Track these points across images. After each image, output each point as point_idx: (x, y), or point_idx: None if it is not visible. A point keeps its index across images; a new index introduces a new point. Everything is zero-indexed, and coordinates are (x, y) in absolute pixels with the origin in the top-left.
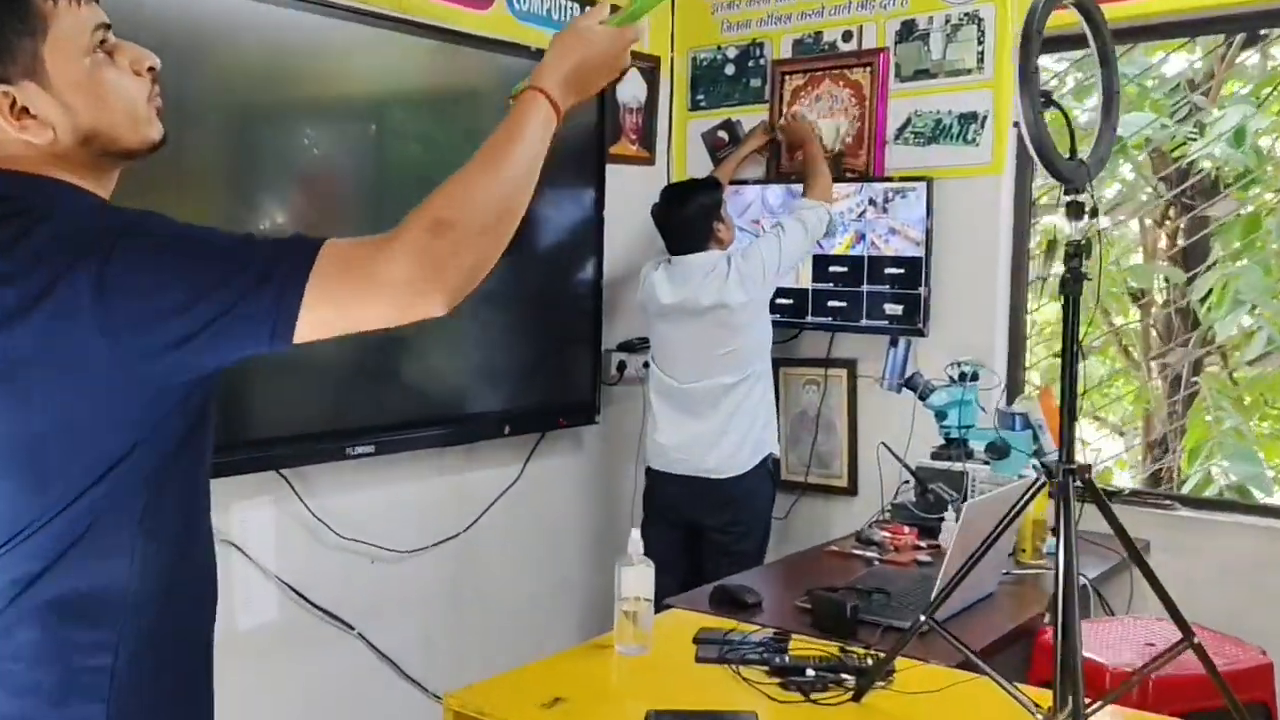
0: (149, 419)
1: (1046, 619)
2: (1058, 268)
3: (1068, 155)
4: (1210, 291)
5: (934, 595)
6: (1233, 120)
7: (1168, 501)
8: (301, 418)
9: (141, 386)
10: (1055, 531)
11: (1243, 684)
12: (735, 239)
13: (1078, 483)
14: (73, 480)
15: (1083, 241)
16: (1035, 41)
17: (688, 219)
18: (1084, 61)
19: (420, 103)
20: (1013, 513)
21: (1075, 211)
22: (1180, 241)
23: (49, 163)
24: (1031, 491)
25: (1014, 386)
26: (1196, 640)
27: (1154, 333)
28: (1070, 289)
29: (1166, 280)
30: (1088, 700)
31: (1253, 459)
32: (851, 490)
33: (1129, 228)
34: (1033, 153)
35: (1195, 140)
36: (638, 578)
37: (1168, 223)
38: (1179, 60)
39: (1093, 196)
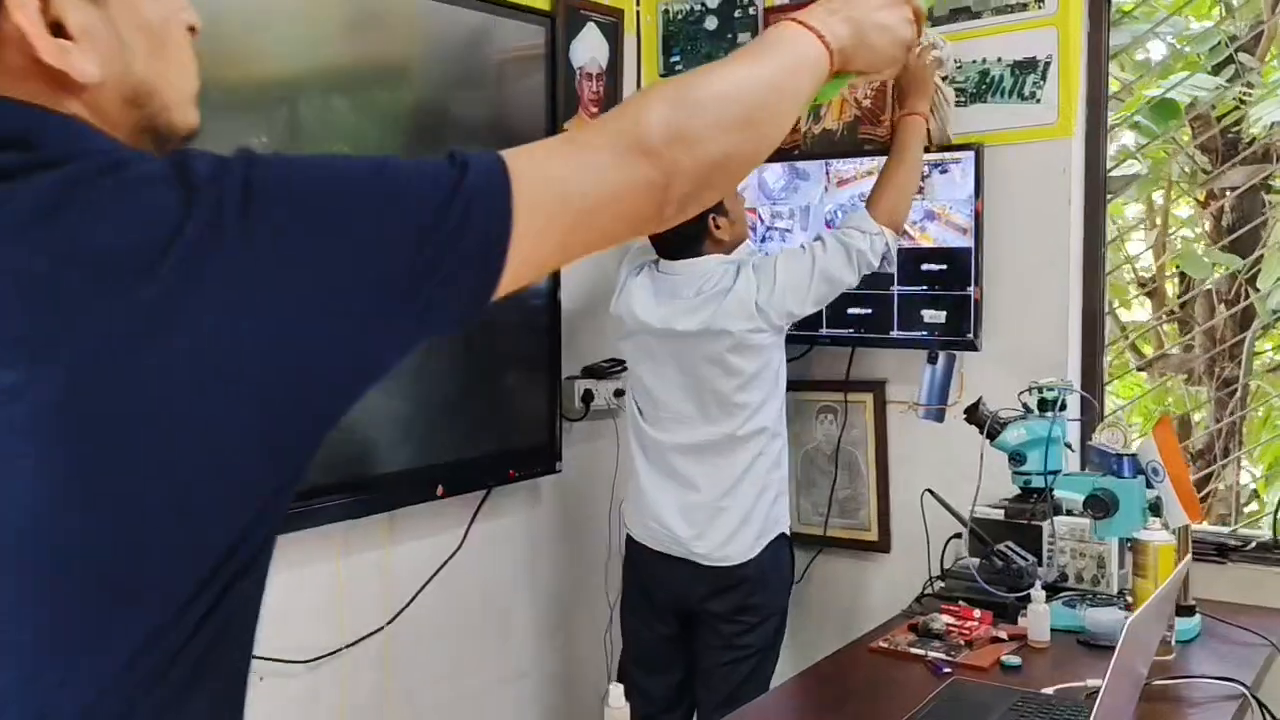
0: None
1: None
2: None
3: None
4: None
5: None
6: None
7: None
8: None
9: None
10: None
11: None
12: (749, 240)
13: None
14: None
15: None
16: None
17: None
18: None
19: (328, 74)
20: None
21: None
22: (1225, 222)
23: (95, 111)
24: None
25: (1090, 413)
26: None
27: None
28: None
29: (1218, 268)
30: None
31: None
32: (883, 546)
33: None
34: None
35: (1245, 104)
36: None
37: (1213, 201)
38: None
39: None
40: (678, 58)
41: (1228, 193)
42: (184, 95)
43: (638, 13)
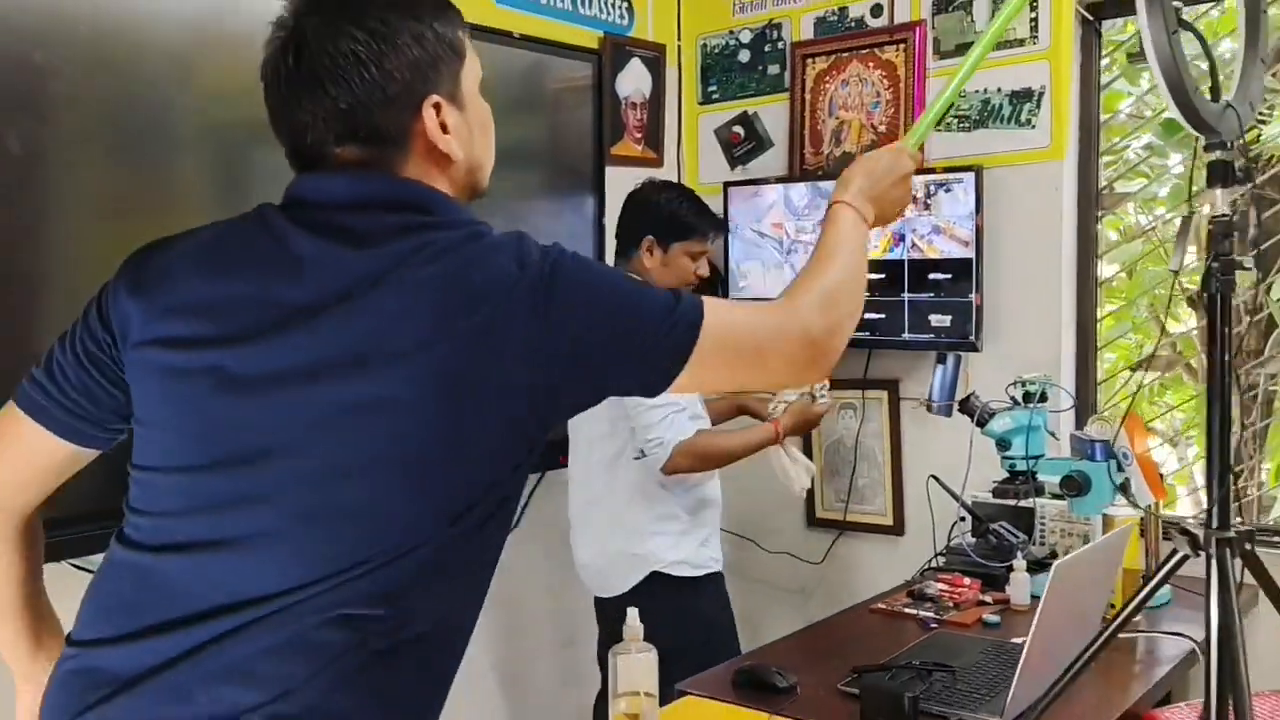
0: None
1: (1164, 713)
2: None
3: (1210, 98)
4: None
5: (1013, 694)
6: None
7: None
8: None
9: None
10: (1206, 613)
11: None
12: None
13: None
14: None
15: (1234, 217)
16: None
17: (622, 213)
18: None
19: None
20: (1141, 596)
21: (1221, 175)
22: (1251, 232)
23: (439, 179)
24: (1171, 566)
25: (1083, 407)
26: None
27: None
28: (1219, 283)
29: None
30: None
31: None
32: (897, 530)
33: (1174, 225)
34: (1165, 92)
35: (1266, 123)
36: (638, 668)
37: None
38: (1228, 46)
39: (1246, 154)
40: (714, 87)
41: (1252, 206)
42: (490, 166)
43: (678, 47)
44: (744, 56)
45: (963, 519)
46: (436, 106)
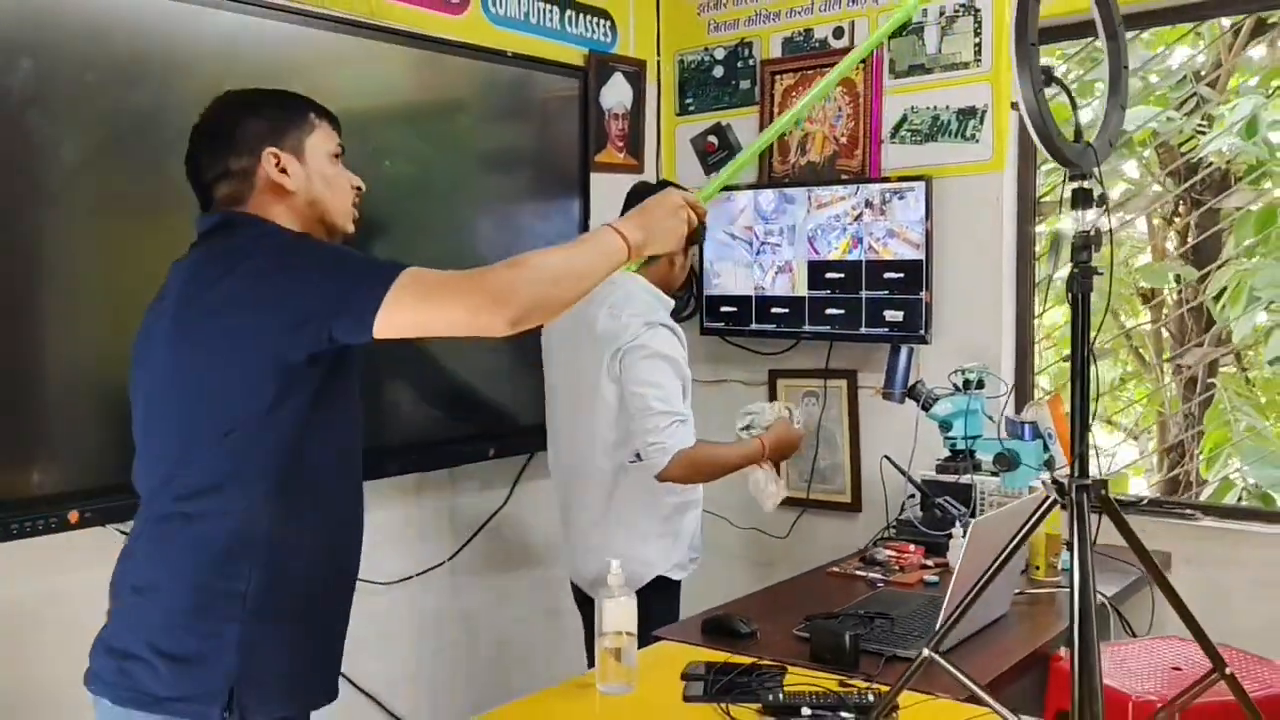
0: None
1: (1063, 651)
2: (1065, 270)
3: (1072, 139)
4: (1224, 289)
5: (939, 625)
6: (1243, 112)
7: (1189, 511)
8: None
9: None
10: (1070, 548)
11: (1275, 711)
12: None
13: (1093, 500)
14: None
15: (1091, 233)
16: (1034, 8)
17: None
18: (1081, 57)
19: (397, 110)
20: (1020, 536)
21: (1083, 200)
22: (1191, 239)
23: (279, 210)
24: (1041, 511)
25: (1023, 393)
26: (1229, 671)
27: (1166, 334)
28: (1079, 285)
29: (1178, 279)
30: None
31: (1274, 462)
32: (855, 507)
33: (1136, 227)
34: (1034, 135)
35: (1204, 134)
36: (620, 611)
37: (1177, 219)
38: (1184, 53)
39: (1101, 183)
40: (690, 99)
41: (1191, 212)
42: (338, 208)
43: (658, 63)
44: (718, 72)
45: (912, 496)
46: (274, 154)
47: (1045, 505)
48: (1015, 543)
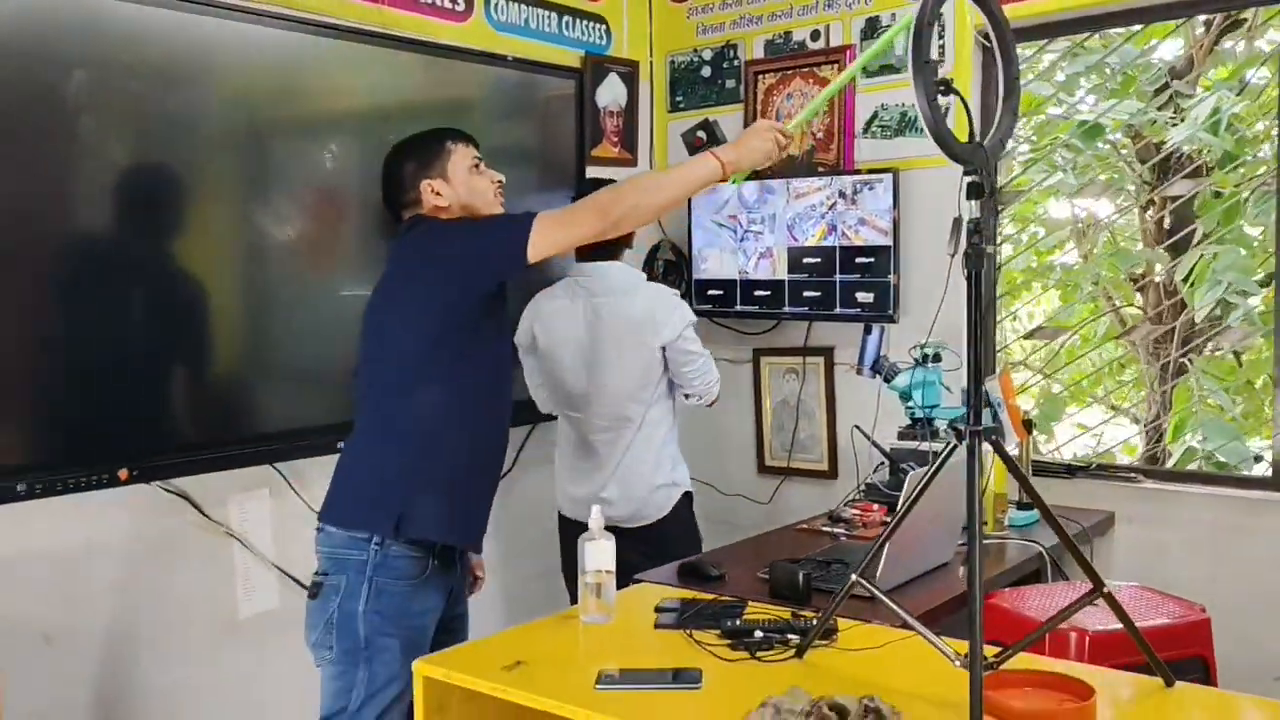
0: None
1: (1004, 593)
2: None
3: (967, 139)
4: (1192, 271)
5: (866, 556)
6: (1209, 106)
7: (1131, 474)
8: (294, 415)
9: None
10: (968, 483)
11: (1181, 638)
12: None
13: (985, 444)
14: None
15: (984, 220)
16: (927, 34)
17: None
18: (1073, 52)
19: (409, 109)
20: (931, 473)
21: (974, 191)
22: (1165, 224)
23: (443, 214)
24: (945, 453)
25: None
26: (1107, 590)
27: (1144, 316)
28: (973, 264)
29: (1158, 264)
30: (1004, 647)
31: (1228, 432)
32: (832, 474)
33: (1132, 215)
34: (931, 137)
35: (1175, 125)
36: (599, 552)
37: (1152, 208)
38: (1168, 48)
39: (990, 177)
40: (681, 98)
41: (1166, 201)
42: (483, 203)
43: (650, 64)
44: (706, 72)
45: (882, 463)
46: (430, 184)
47: (948, 449)
48: (923, 483)
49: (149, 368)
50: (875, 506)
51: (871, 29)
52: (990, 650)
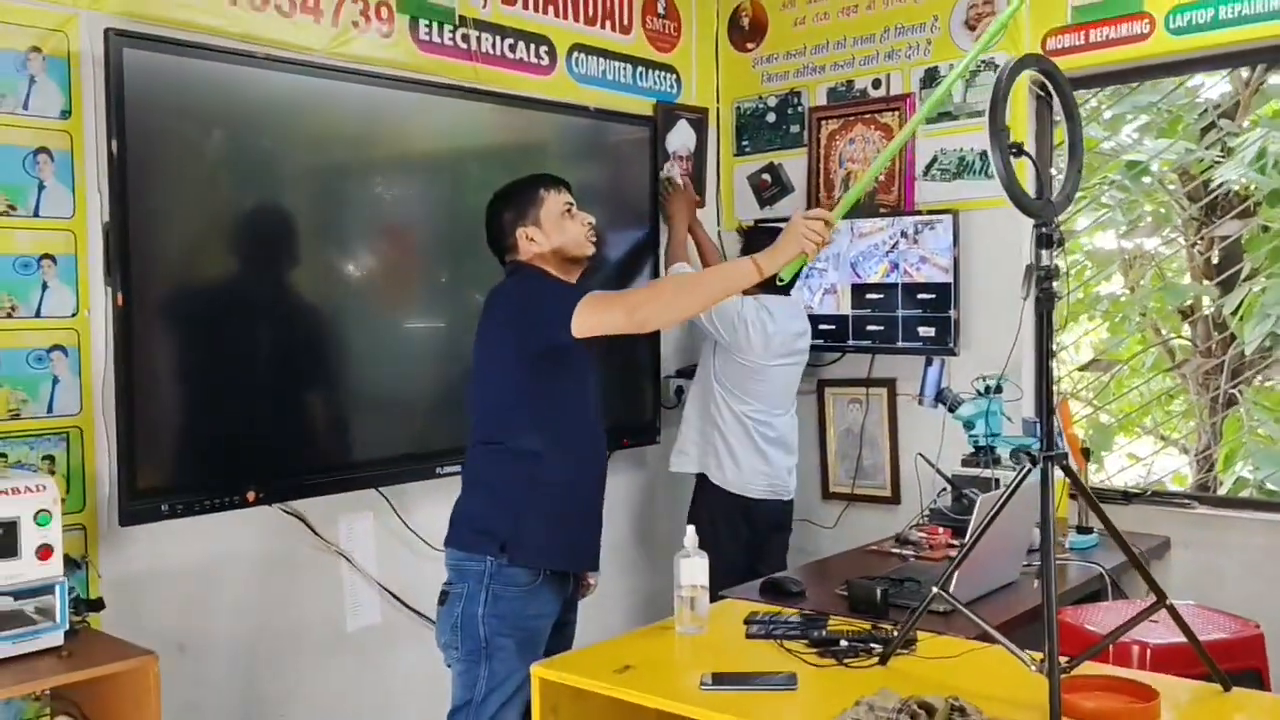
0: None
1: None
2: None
3: (1036, 195)
4: (1241, 304)
5: (945, 572)
6: (1256, 147)
7: (1186, 500)
8: (396, 441)
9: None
10: (1041, 503)
11: (1236, 652)
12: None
13: (1057, 469)
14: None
15: (1052, 267)
16: (1002, 106)
17: None
18: (1119, 92)
19: (498, 155)
20: (1006, 496)
21: (1044, 242)
22: (1214, 260)
23: (537, 258)
24: (1019, 476)
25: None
26: (1169, 602)
27: (1194, 349)
28: (1043, 307)
29: (1207, 298)
30: (1071, 657)
31: (1279, 461)
32: (895, 499)
33: (1178, 245)
34: (1006, 192)
35: (1221, 164)
36: (694, 568)
37: (1200, 243)
38: (1215, 88)
39: (1059, 230)
40: (746, 142)
41: (1214, 239)
42: (575, 245)
43: (718, 110)
44: (771, 118)
45: (944, 490)
46: (525, 231)
47: (1023, 471)
48: (1000, 503)
49: (274, 400)
50: (941, 530)
51: (930, 78)
52: (1061, 659)
